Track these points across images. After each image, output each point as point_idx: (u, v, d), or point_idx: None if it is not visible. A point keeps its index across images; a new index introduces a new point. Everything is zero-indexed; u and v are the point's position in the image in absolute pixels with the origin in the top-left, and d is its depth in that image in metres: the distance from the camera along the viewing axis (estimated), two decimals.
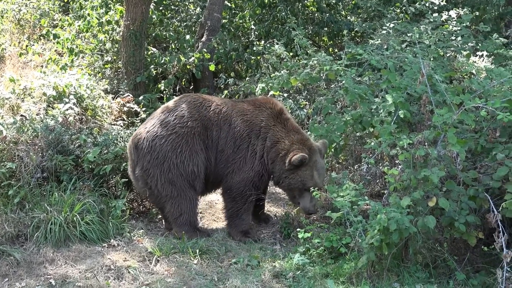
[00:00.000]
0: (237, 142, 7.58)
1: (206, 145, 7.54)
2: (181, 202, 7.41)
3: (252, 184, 7.55)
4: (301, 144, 7.37)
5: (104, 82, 11.16)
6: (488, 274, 6.26)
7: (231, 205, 7.63)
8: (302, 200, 7.43)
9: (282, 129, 7.55)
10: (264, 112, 7.68)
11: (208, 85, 12.60)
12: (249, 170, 7.53)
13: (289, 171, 7.32)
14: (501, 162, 6.16)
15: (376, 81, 8.06)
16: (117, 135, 8.42)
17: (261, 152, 7.54)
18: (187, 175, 7.37)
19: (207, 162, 7.56)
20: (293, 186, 7.40)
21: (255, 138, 7.58)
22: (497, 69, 7.02)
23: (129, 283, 6.09)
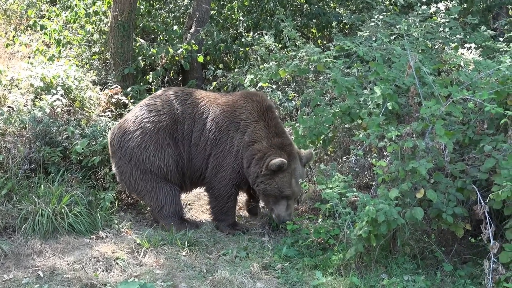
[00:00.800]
0: (215, 135, 7.37)
1: (175, 139, 7.41)
2: (159, 195, 7.40)
3: (232, 183, 7.39)
4: (280, 148, 7.15)
5: (92, 73, 11.09)
6: (475, 265, 6.31)
7: (214, 204, 7.55)
8: (276, 207, 7.20)
9: (263, 127, 7.30)
10: (249, 104, 7.46)
11: (196, 76, 12.55)
12: (227, 167, 7.35)
13: (265, 176, 7.07)
14: (488, 154, 6.20)
15: (364, 73, 8.06)
16: (105, 126, 8.38)
17: (238, 147, 7.31)
18: (156, 170, 7.35)
19: (178, 156, 7.43)
20: (269, 192, 7.13)
21: (234, 130, 7.35)
22: (484, 61, 7.04)
23: (117, 274, 6.07)
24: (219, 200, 7.47)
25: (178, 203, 7.52)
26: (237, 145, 7.30)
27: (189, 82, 12.28)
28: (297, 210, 7.77)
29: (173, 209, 7.42)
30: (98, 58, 11.81)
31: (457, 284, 6.00)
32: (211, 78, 12.24)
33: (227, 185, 7.38)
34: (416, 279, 5.92)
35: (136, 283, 5.26)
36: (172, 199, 7.41)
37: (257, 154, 7.12)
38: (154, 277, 5.95)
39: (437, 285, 6.03)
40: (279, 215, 7.17)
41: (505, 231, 6.00)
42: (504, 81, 6.45)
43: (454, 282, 6.08)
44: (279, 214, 7.16)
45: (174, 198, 7.45)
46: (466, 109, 6.55)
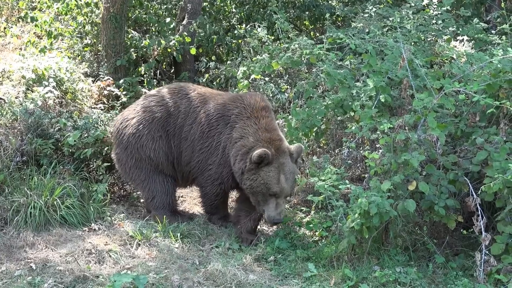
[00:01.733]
0: (204, 129, 7.12)
1: (167, 132, 7.33)
2: (151, 185, 7.41)
3: (218, 183, 7.14)
4: (268, 143, 6.67)
5: (84, 65, 11.05)
6: (467, 257, 6.35)
7: (204, 200, 7.45)
8: (266, 207, 6.67)
9: (253, 124, 6.88)
10: (244, 101, 7.11)
11: (189, 68, 12.53)
12: (212, 165, 7.10)
13: (250, 171, 6.60)
14: (480, 146, 6.23)
15: (357, 65, 8.07)
16: (98, 118, 8.35)
17: (224, 143, 6.99)
18: (148, 159, 7.36)
19: (168, 150, 7.35)
20: (255, 189, 6.63)
21: (223, 125, 7.03)
22: (477, 54, 7.06)
23: (110, 267, 6.07)
24: (207, 198, 7.34)
25: (169, 194, 7.47)
26: (224, 141, 6.98)
27: (182, 74, 12.26)
28: (289, 203, 7.76)
29: (164, 201, 7.41)
30: (90, 50, 11.76)
31: (449, 276, 6.03)
32: (204, 70, 12.23)
33: (213, 184, 7.17)
34: (408, 271, 5.94)
35: (129, 275, 5.25)
36: (163, 190, 7.40)
37: (241, 150, 6.74)
38: (147, 269, 5.94)
39: (429, 277, 6.06)
40: (269, 215, 6.65)
41: (497, 223, 6.04)
42: (496, 74, 6.47)
43: (446, 274, 6.11)
44: (269, 214, 6.64)
45: (166, 189, 7.42)
46: (458, 101, 6.57)
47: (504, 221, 5.95)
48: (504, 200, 5.95)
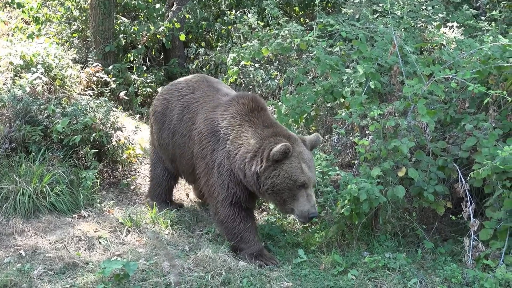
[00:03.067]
0: (198, 149, 6.46)
1: (164, 126, 7.07)
2: (152, 171, 7.55)
3: (227, 203, 6.20)
4: (274, 136, 5.93)
5: (72, 51, 10.99)
6: (456, 243, 6.39)
7: (225, 231, 6.33)
8: (296, 203, 5.80)
9: (248, 127, 6.11)
10: (232, 107, 6.33)
11: (178, 55, 12.49)
12: (214, 187, 6.27)
13: (269, 168, 5.76)
14: (469, 132, 6.25)
15: (347, 51, 8.06)
16: (87, 105, 8.30)
17: (220, 160, 6.20)
18: (154, 147, 7.48)
19: (166, 144, 7.06)
20: (279, 186, 5.75)
21: (215, 142, 6.29)
22: (467, 40, 7.07)
23: (100, 253, 6.06)
24: (225, 226, 6.26)
25: (162, 186, 7.44)
26: (219, 158, 6.20)
27: (171, 61, 12.23)
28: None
29: (156, 190, 7.46)
30: (78, 36, 11.69)
31: (437, 261, 6.06)
32: (193, 57, 12.20)
33: (224, 206, 6.20)
34: (397, 257, 5.97)
35: (119, 262, 5.24)
36: (158, 180, 7.45)
37: (247, 157, 5.91)
38: (137, 256, 5.94)
39: (418, 262, 6.09)
40: (302, 211, 5.77)
41: (485, 209, 6.07)
42: (486, 61, 6.48)
43: (434, 259, 6.15)
44: (302, 210, 5.76)
45: (160, 180, 7.43)
46: (448, 88, 6.58)
47: (493, 207, 5.99)
48: (492, 186, 5.98)
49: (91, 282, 5.30)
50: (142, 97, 11.11)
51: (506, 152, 5.48)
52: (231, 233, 6.20)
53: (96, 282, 5.25)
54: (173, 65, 12.22)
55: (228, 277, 5.49)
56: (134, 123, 9.63)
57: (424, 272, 5.86)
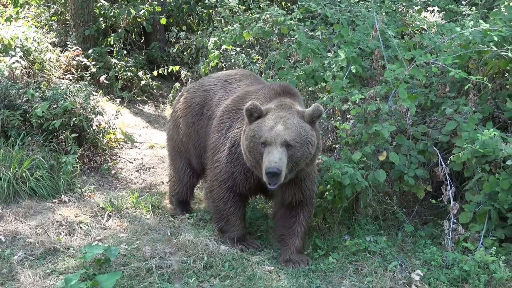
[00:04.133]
0: (216, 122, 6.16)
1: (197, 121, 6.60)
2: (171, 167, 7.13)
3: (225, 186, 5.92)
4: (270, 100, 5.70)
5: (51, 34, 10.86)
6: (436, 226, 6.45)
7: (213, 209, 6.19)
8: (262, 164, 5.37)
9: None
10: (261, 91, 5.96)
11: (159, 39, 12.41)
12: (219, 163, 5.96)
13: (245, 132, 5.49)
14: (449, 116, 6.30)
15: (328, 35, 8.05)
16: (66, 89, 8.23)
17: (234, 137, 5.85)
18: (179, 142, 6.92)
19: (196, 140, 6.63)
20: (249, 147, 5.40)
21: (235, 119, 5.94)
22: (448, 25, 7.09)
23: (81, 238, 6.04)
24: (215, 205, 6.07)
25: (183, 182, 6.92)
26: (233, 135, 5.85)
27: (152, 45, 12.15)
28: None
29: (175, 188, 6.99)
30: (57, 19, 11.56)
31: (417, 244, 6.12)
32: (174, 41, 12.12)
33: (221, 186, 5.93)
34: (378, 240, 6.01)
35: (100, 247, 5.22)
36: (179, 176, 6.94)
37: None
38: (118, 241, 5.93)
39: (398, 245, 6.14)
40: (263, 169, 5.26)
41: (465, 192, 6.14)
42: (467, 45, 6.52)
43: (414, 242, 6.20)
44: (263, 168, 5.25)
45: (181, 176, 6.91)
46: (429, 72, 6.61)
47: (472, 190, 6.05)
48: (472, 169, 6.04)
49: (72, 267, 5.28)
50: (122, 81, 11.02)
51: (486, 136, 5.53)
52: (219, 214, 6.04)
53: (77, 267, 5.23)
54: (153, 49, 12.14)
55: (209, 261, 5.50)
56: (115, 108, 9.58)
57: (404, 255, 5.91)
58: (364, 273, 5.55)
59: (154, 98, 11.70)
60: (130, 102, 11.02)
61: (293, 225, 5.89)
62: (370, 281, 5.38)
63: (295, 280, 5.31)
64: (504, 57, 6.27)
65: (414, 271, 5.50)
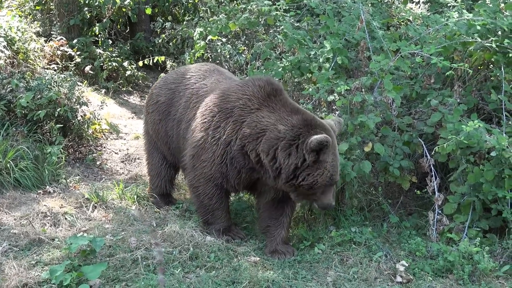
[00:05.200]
0: (198, 122, 5.99)
1: (169, 115, 6.55)
2: (149, 161, 7.08)
3: (213, 183, 5.92)
4: (306, 126, 5.41)
5: (35, 24, 10.77)
6: (420, 217, 6.50)
7: (198, 204, 6.16)
8: (322, 196, 5.52)
9: (270, 113, 5.61)
10: (248, 89, 5.83)
11: (144, 29, 12.34)
12: (206, 163, 5.86)
13: (313, 166, 5.33)
14: (435, 108, 6.32)
15: (314, 26, 8.04)
16: (51, 79, 8.17)
17: (228, 138, 5.73)
18: (151, 137, 6.94)
19: (166, 136, 6.64)
20: (319, 184, 5.37)
21: (222, 119, 5.80)
22: (433, 16, 7.12)
23: (66, 229, 6.01)
24: (200, 201, 6.07)
25: (161, 175, 6.90)
26: (227, 136, 5.72)
27: (137, 35, 12.08)
28: None
29: (155, 182, 6.96)
30: (41, 9, 11.45)
31: (402, 235, 6.16)
32: (160, 31, 12.07)
33: (207, 184, 5.92)
34: (363, 231, 6.04)
35: (85, 238, 5.20)
36: (156, 170, 6.92)
37: (278, 144, 5.42)
38: (103, 232, 5.91)
39: (383, 236, 6.17)
40: (324, 203, 5.53)
41: (450, 183, 6.17)
42: (452, 36, 6.54)
43: (399, 233, 6.24)
44: (325, 203, 5.52)
45: (159, 169, 6.90)
46: (414, 63, 6.63)
47: (457, 181, 6.08)
48: (457, 161, 6.08)
49: (57, 258, 5.25)
50: (107, 71, 10.97)
51: (470, 127, 5.56)
52: (204, 208, 6.07)
53: (62, 258, 5.21)
54: (139, 39, 12.08)
55: (195, 252, 5.50)
56: (100, 98, 9.53)
57: (389, 245, 5.95)
58: (349, 264, 5.58)
59: (140, 89, 11.66)
60: (115, 92, 10.98)
61: (279, 217, 5.90)
62: (355, 272, 5.41)
63: (281, 271, 5.32)
64: (488, 48, 6.31)
65: (399, 261, 5.54)
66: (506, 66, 6.36)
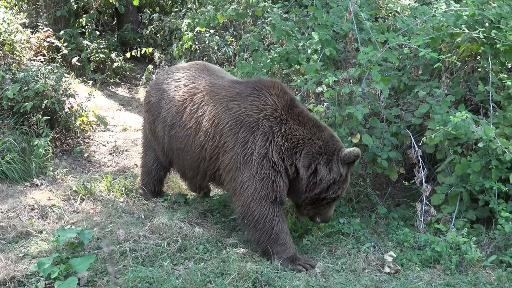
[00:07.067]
0: (217, 143, 5.67)
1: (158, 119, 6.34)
2: (142, 158, 6.98)
3: (268, 200, 5.41)
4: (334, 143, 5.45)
5: (22, 15, 10.68)
6: (408, 208, 6.52)
7: (256, 236, 5.48)
8: (327, 210, 5.68)
9: (298, 126, 5.47)
10: (268, 98, 5.57)
11: (132, 20, 12.27)
12: (250, 181, 5.43)
13: (343, 180, 5.45)
14: (422, 99, 6.34)
15: (303, 18, 8.03)
16: (38, 71, 8.12)
17: (262, 150, 5.41)
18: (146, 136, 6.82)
19: (154, 133, 6.48)
20: (340, 196, 5.60)
21: (248, 133, 5.49)
22: (421, 7, 7.13)
23: (53, 222, 5.98)
24: (259, 228, 5.43)
25: (150, 175, 6.78)
26: (261, 151, 5.40)
27: (125, 26, 12.01)
28: None
29: (144, 179, 6.89)
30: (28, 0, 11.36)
31: (390, 226, 6.18)
32: (147, 22, 12.01)
33: (261, 204, 5.40)
34: (352, 222, 6.06)
35: (73, 230, 5.17)
36: (147, 168, 6.82)
37: (320, 159, 5.38)
38: (91, 224, 5.89)
39: (371, 227, 6.19)
40: (329, 217, 5.73)
41: (437, 174, 6.20)
42: (439, 28, 6.55)
43: (387, 224, 6.26)
44: (329, 216, 5.72)
45: (149, 169, 6.78)
46: (402, 55, 6.64)
47: (444, 172, 6.11)
48: (444, 152, 6.10)
49: (45, 251, 5.23)
50: (95, 63, 10.91)
51: (458, 118, 5.58)
52: (267, 235, 5.41)
53: (50, 251, 5.19)
54: (126, 31, 12.01)
55: (184, 244, 5.50)
56: (87, 90, 9.48)
57: (377, 236, 5.97)
58: (337, 255, 5.60)
59: (127, 80, 11.61)
60: (102, 84, 10.92)
61: None
62: (343, 263, 5.42)
63: (269, 263, 5.33)
64: (476, 39, 6.32)
65: (387, 252, 5.56)
66: (493, 57, 6.39)
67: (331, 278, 5.15)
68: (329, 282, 5.05)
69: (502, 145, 5.52)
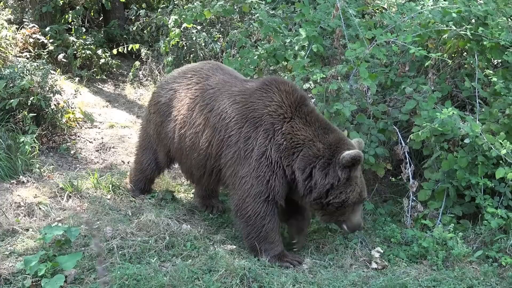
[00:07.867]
0: (222, 136, 5.60)
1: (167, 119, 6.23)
2: (137, 156, 6.90)
3: (261, 198, 5.40)
4: (340, 146, 5.24)
5: (7, 11, 10.60)
6: (395, 204, 6.55)
7: (246, 230, 5.51)
8: (351, 216, 5.38)
9: (304, 126, 5.35)
10: (275, 94, 5.50)
11: (118, 16, 12.22)
12: (247, 178, 5.42)
13: (345, 184, 5.21)
14: (409, 95, 6.37)
15: (290, 14, 8.03)
16: (23, 68, 8.06)
17: (262, 148, 5.36)
18: (149, 136, 6.67)
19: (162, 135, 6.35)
20: (350, 201, 5.26)
21: (251, 129, 5.45)
22: (408, 4, 7.14)
23: (40, 219, 5.95)
24: (250, 224, 5.47)
25: (143, 173, 6.71)
26: (261, 148, 5.37)
27: (111, 22, 11.96)
28: None
29: (136, 176, 6.83)
30: None
31: (377, 222, 6.20)
32: (134, 18, 11.96)
33: (255, 201, 5.41)
34: None
35: (60, 228, 5.14)
36: (141, 167, 6.74)
37: (316, 163, 5.23)
38: (78, 221, 5.86)
39: None
40: (354, 224, 5.41)
41: (424, 170, 6.23)
42: (426, 25, 6.57)
43: (375, 220, 6.28)
44: (355, 223, 5.41)
45: (143, 167, 6.70)
46: (389, 51, 6.66)
47: (431, 168, 6.14)
48: (431, 148, 6.13)
49: (31, 248, 5.20)
50: (81, 59, 10.85)
51: (445, 115, 5.60)
52: (257, 232, 5.44)
53: (36, 249, 5.16)
54: (113, 27, 11.96)
55: (171, 241, 5.49)
56: (74, 87, 9.42)
57: (364, 232, 5.98)
58: (325, 251, 5.61)
59: (114, 77, 11.56)
60: (89, 81, 10.87)
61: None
62: (331, 259, 5.44)
63: (257, 259, 5.33)
64: (462, 36, 6.35)
65: (374, 248, 5.58)
66: (479, 54, 6.42)
67: (319, 274, 5.16)
68: (316, 278, 5.06)
69: (488, 141, 5.56)
